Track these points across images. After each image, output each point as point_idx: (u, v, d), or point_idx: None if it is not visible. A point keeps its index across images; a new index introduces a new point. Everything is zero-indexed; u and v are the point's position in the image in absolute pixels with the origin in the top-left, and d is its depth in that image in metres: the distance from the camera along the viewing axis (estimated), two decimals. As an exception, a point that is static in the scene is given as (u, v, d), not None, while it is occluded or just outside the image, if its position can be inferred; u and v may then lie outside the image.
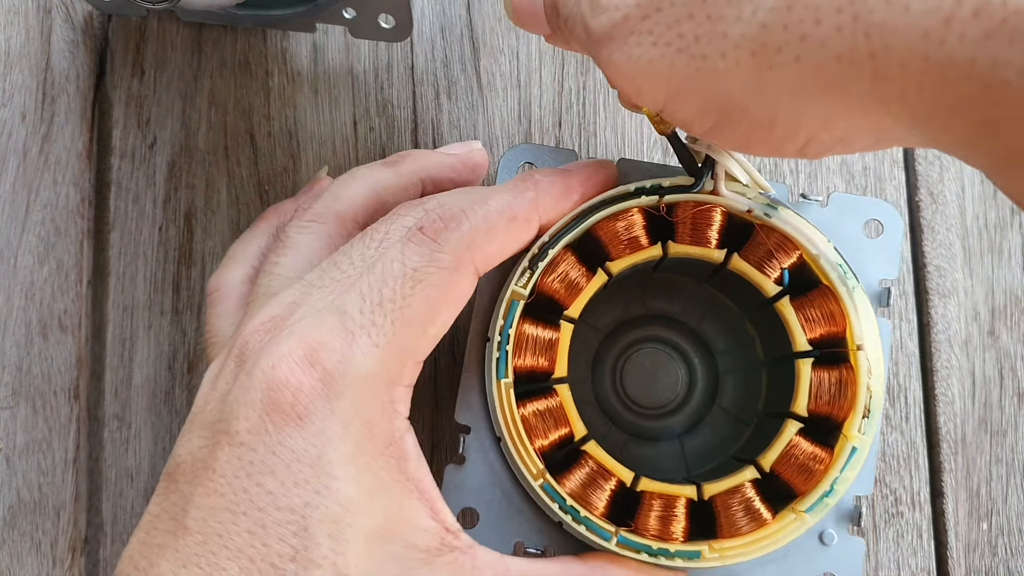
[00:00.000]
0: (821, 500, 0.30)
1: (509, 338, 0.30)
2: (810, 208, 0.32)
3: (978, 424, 0.39)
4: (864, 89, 0.20)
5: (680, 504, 0.30)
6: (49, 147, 0.40)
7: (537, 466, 0.30)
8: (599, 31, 0.24)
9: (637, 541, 0.29)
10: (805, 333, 0.31)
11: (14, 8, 0.41)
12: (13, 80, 0.40)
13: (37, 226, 0.39)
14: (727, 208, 0.31)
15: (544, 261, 0.30)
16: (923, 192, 0.41)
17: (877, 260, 0.33)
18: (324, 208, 0.32)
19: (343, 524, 0.25)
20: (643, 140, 0.41)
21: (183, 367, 0.39)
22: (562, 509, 0.30)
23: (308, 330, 0.26)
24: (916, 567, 0.38)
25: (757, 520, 0.30)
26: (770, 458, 0.30)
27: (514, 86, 0.41)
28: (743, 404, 0.36)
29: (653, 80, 0.23)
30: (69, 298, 0.39)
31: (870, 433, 0.30)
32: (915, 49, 0.19)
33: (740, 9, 0.21)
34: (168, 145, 0.40)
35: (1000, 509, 0.39)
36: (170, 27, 0.41)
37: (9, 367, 0.38)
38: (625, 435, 0.36)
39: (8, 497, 0.38)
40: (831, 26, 0.20)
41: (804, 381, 0.30)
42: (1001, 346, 0.40)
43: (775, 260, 0.31)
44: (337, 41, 0.41)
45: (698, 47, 0.22)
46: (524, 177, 0.30)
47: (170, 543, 0.25)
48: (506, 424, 0.30)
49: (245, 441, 0.25)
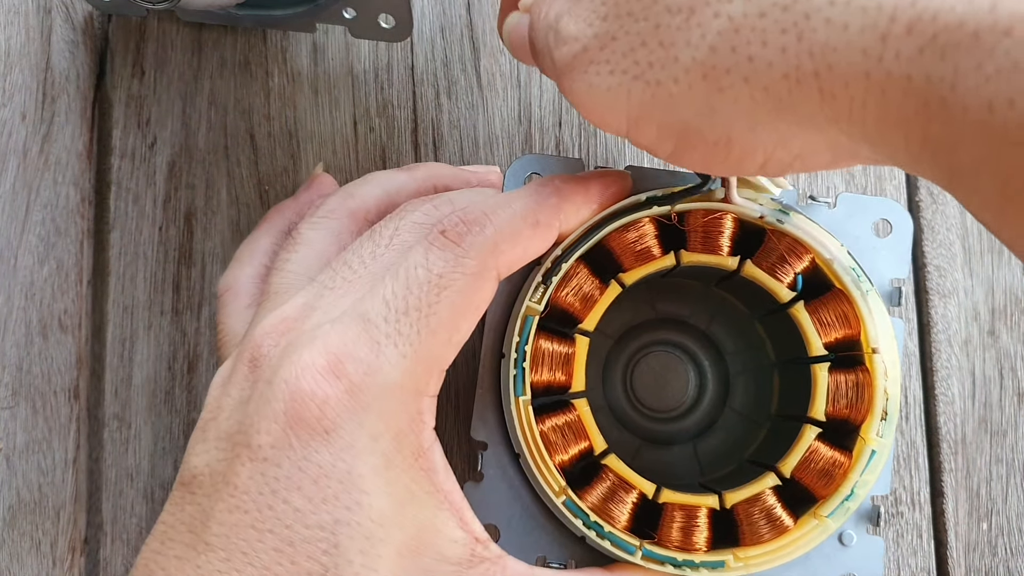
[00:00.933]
0: (842, 504, 0.30)
1: (526, 354, 0.30)
2: (819, 210, 0.32)
3: (978, 424, 0.39)
4: (813, 108, 0.20)
5: (702, 514, 0.30)
6: (49, 147, 0.40)
7: (559, 482, 0.29)
8: (562, 62, 0.24)
9: (661, 553, 0.29)
10: (820, 338, 0.30)
11: (14, 8, 0.41)
12: (13, 80, 0.40)
13: (37, 226, 0.39)
14: (739, 215, 0.31)
15: (558, 275, 0.30)
16: (923, 192, 0.41)
17: (887, 260, 0.33)
18: (336, 205, 0.32)
19: (375, 540, 0.24)
20: (643, 140, 0.41)
21: (183, 367, 0.39)
22: (586, 525, 0.29)
23: (331, 338, 0.25)
24: (916, 567, 0.38)
25: (779, 527, 0.30)
26: (790, 464, 0.30)
27: (514, 86, 0.41)
28: (755, 406, 0.36)
29: (613, 108, 0.24)
30: (69, 298, 0.39)
31: (888, 435, 0.30)
32: (856, 67, 0.19)
33: (690, 34, 0.21)
34: (168, 145, 0.40)
35: (1000, 509, 0.39)
36: (170, 27, 0.41)
37: (9, 367, 0.38)
38: (638, 440, 0.36)
39: (8, 497, 0.38)
40: (776, 47, 0.20)
41: (821, 386, 0.30)
42: (1001, 346, 0.40)
43: (788, 265, 0.31)
44: (337, 41, 0.41)
45: (652, 73, 0.22)
46: (545, 182, 0.30)
47: (190, 557, 0.24)
48: (526, 441, 0.30)
49: (268, 456, 0.24)
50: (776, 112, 0.21)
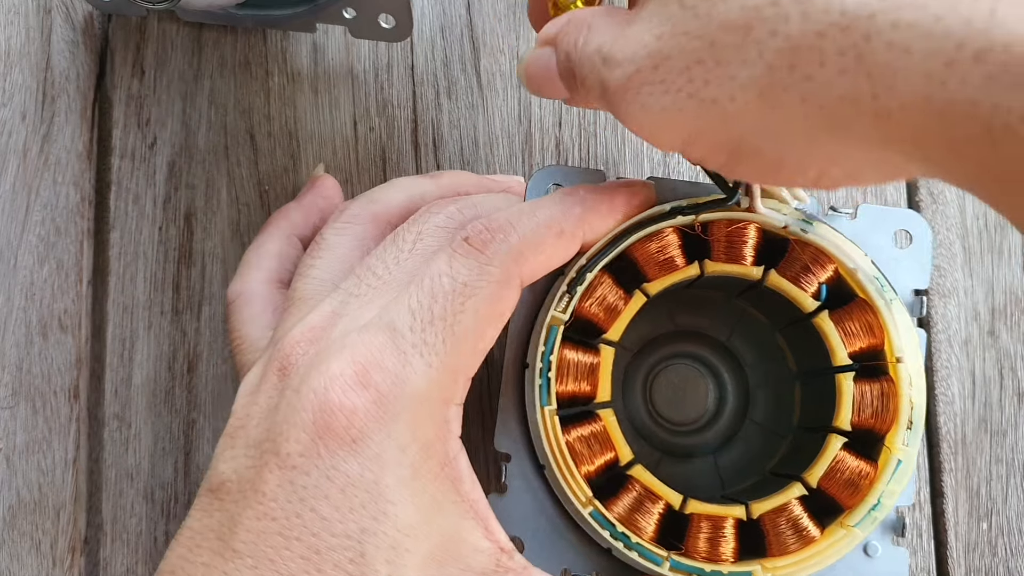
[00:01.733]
0: (869, 514, 0.29)
1: (551, 364, 0.30)
2: (840, 221, 0.32)
3: (978, 424, 0.39)
4: (868, 128, 0.20)
5: (728, 524, 0.30)
6: (49, 147, 0.40)
7: (586, 493, 0.29)
8: (615, 86, 0.24)
9: (689, 564, 0.29)
10: (845, 347, 0.30)
11: (14, 8, 0.41)
12: (13, 80, 0.40)
13: (37, 226, 0.39)
14: (763, 225, 0.31)
15: (582, 285, 0.30)
16: (923, 192, 0.41)
17: (909, 269, 0.32)
18: (359, 210, 0.32)
19: (401, 550, 0.24)
20: (643, 142, 0.41)
21: (183, 367, 0.39)
22: (613, 536, 0.29)
23: (359, 348, 0.25)
24: (916, 567, 0.38)
25: (806, 537, 0.30)
26: (816, 474, 0.30)
27: (514, 86, 0.41)
28: (776, 418, 0.36)
29: (668, 127, 0.24)
30: (69, 298, 0.39)
31: (914, 445, 0.30)
32: (917, 91, 0.19)
33: (747, 52, 0.21)
34: (168, 145, 0.40)
35: (1000, 509, 0.39)
36: (170, 27, 0.41)
37: (9, 367, 0.38)
38: (658, 453, 0.36)
39: (8, 497, 0.38)
40: (835, 67, 0.20)
41: (847, 395, 0.30)
42: (1001, 346, 0.40)
43: (812, 275, 0.31)
44: (337, 41, 0.41)
45: (707, 91, 0.22)
46: (570, 192, 0.29)
47: (217, 564, 0.24)
48: (552, 452, 0.30)
49: (297, 464, 0.24)
50: (830, 131, 0.21)
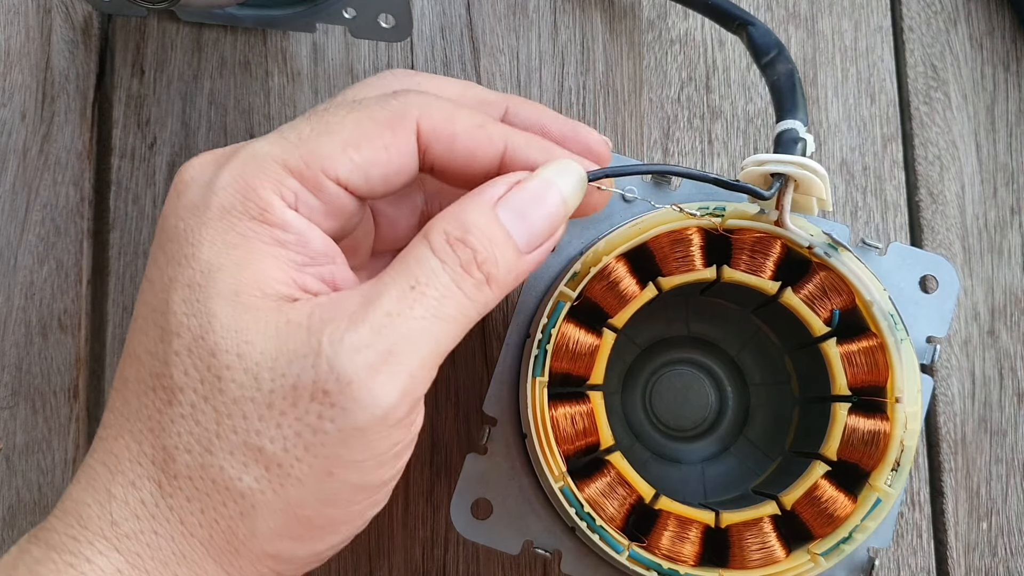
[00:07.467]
0: (837, 546, 0.29)
1: (550, 337, 0.30)
2: (868, 255, 0.32)
3: (978, 424, 0.39)
4: None
5: (696, 528, 0.30)
6: (49, 147, 0.40)
7: (560, 468, 0.30)
8: None
9: (648, 558, 0.29)
10: (846, 377, 0.30)
11: (14, 8, 0.41)
12: (13, 80, 0.40)
13: (37, 226, 0.39)
14: (789, 241, 0.30)
15: (597, 267, 0.30)
16: (923, 192, 0.41)
17: (929, 316, 0.32)
18: None
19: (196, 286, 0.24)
20: (642, 140, 0.41)
21: (183, 367, 0.39)
22: (578, 515, 0.29)
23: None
24: (916, 567, 0.38)
25: (769, 556, 0.30)
26: (792, 496, 0.30)
27: (514, 86, 0.41)
28: (770, 439, 0.36)
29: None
30: (69, 298, 0.39)
31: (897, 487, 0.30)
32: None
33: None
34: (168, 145, 0.40)
35: (1000, 509, 0.39)
36: (170, 27, 0.41)
37: (9, 367, 0.38)
38: (648, 453, 0.36)
39: (8, 497, 0.38)
40: None
41: (838, 425, 0.30)
42: (1001, 346, 0.40)
43: (827, 299, 0.31)
44: (337, 41, 0.41)
45: None
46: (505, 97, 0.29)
47: None
48: (535, 422, 0.30)
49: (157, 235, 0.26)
50: None
